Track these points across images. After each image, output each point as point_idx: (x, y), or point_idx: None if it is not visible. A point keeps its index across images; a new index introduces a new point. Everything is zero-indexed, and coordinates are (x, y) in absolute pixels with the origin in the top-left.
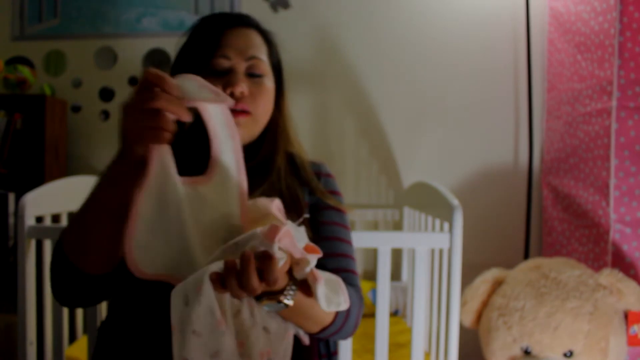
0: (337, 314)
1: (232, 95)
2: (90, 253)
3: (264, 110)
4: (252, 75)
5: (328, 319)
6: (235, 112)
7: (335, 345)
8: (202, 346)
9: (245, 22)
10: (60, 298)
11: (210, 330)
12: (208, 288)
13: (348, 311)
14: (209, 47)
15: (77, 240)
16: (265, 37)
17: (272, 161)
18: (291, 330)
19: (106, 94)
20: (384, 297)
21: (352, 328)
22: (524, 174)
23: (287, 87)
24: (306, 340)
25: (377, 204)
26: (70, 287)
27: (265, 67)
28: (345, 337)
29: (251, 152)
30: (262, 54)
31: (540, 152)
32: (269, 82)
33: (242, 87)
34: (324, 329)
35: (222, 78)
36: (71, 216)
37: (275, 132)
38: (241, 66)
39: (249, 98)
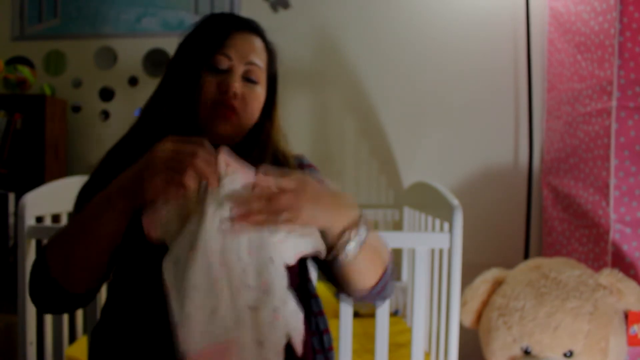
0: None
1: (225, 93)
2: (78, 275)
3: (250, 114)
4: (248, 79)
5: (386, 261)
6: (224, 108)
7: (330, 340)
8: (200, 302)
9: (253, 28)
10: (40, 307)
11: (208, 288)
12: (204, 246)
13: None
14: (213, 44)
15: (66, 264)
16: (267, 46)
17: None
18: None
19: (106, 94)
20: None
21: (391, 290)
22: (524, 174)
23: (280, 97)
24: (299, 349)
25: (377, 204)
26: (53, 302)
27: (262, 74)
28: (386, 297)
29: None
30: (262, 62)
31: (540, 152)
32: (261, 90)
33: (236, 88)
34: (379, 280)
35: (220, 76)
36: (55, 237)
37: (265, 142)
38: (240, 68)
39: (240, 99)
